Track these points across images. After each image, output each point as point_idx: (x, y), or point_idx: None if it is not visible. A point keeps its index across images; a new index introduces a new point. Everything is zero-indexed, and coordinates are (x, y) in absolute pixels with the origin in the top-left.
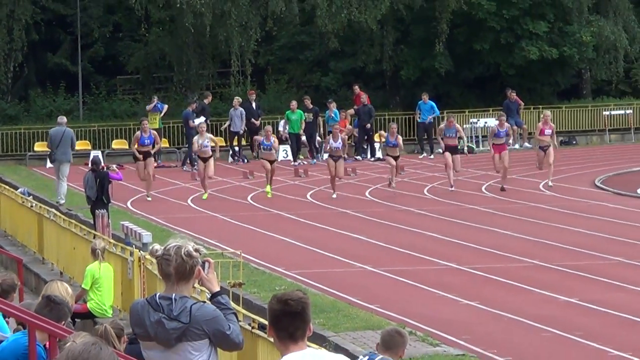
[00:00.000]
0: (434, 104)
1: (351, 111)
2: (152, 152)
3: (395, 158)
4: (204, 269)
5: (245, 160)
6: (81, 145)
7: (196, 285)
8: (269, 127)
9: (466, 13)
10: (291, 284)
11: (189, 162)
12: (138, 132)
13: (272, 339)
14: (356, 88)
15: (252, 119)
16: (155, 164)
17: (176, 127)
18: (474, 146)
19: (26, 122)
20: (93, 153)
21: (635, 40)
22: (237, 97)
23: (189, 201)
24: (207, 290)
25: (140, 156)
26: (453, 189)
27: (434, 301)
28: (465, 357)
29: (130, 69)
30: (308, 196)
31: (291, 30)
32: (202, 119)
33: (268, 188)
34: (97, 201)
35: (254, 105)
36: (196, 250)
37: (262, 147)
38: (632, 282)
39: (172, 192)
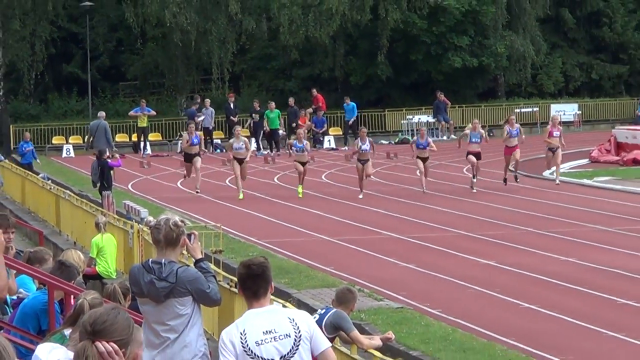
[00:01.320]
0: (354, 105)
1: (310, 109)
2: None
3: (425, 159)
4: (190, 240)
5: (223, 150)
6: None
7: (184, 252)
8: (301, 131)
9: (403, 30)
10: (262, 251)
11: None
12: (186, 134)
13: None
14: (314, 91)
15: (231, 117)
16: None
17: (168, 123)
18: (410, 137)
19: (45, 120)
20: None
21: (540, 51)
22: (207, 99)
23: (178, 184)
24: (192, 256)
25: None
26: (475, 190)
27: (378, 264)
28: (404, 309)
29: (130, 76)
30: (275, 179)
31: (261, 44)
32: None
33: (300, 188)
34: (102, 184)
35: (232, 105)
36: (181, 221)
37: (294, 149)
38: (541, 248)
39: (165, 177)
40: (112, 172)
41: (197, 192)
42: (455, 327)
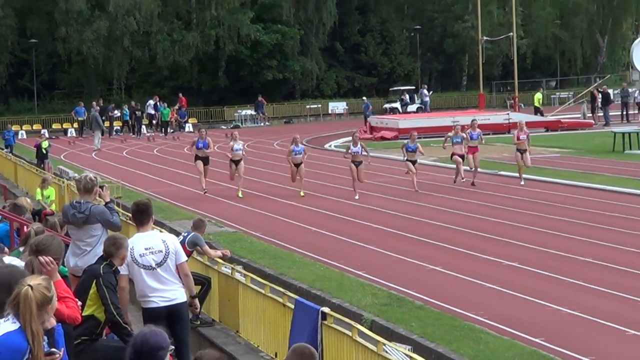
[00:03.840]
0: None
1: (176, 107)
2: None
3: (414, 162)
4: (102, 190)
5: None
6: (37, 126)
7: (97, 197)
8: (297, 136)
9: (235, 56)
10: (145, 195)
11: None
12: (195, 139)
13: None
14: (180, 95)
15: (155, 112)
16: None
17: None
18: (240, 124)
19: (7, 115)
20: (42, 131)
21: (321, 69)
22: (154, 100)
23: (92, 154)
24: (103, 200)
25: (199, 160)
26: (464, 179)
27: (219, 203)
28: (237, 233)
29: (62, 86)
30: (155, 151)
31: (144, 65)
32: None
33: (301, 193)
34: (41, 157)
35: (157, 104)
36: (94, 177)
37: (293, 153)
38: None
39: (84, 151)
40: (48, 148)
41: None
42: (270, 244)
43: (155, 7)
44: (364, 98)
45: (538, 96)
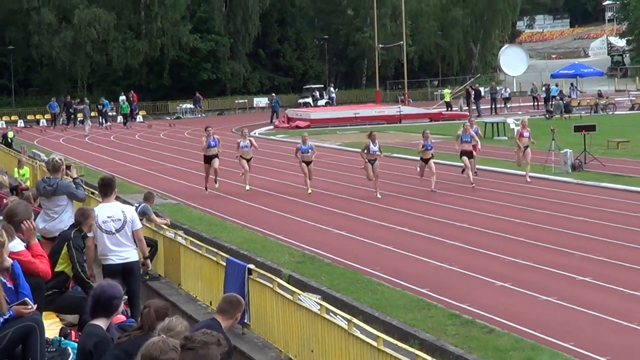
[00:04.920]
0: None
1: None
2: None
3: (427, 160)
4: (69, 169)
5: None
6: (15, 117)
7: (66, 175)
8: (306, 134)
9: (177, 60)
10: (103, 173)
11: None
12: (204, 138)
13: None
14: (132, 92)
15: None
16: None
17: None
18: (181, 115)
19: None
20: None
21: (247, 70)
22: (123, 96)
23: (60, 140)
24: (71, 177)
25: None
26: (474, 185)
27: (164, 180)
28: (179, 205)
29: (35, 84)
30: (112, 138)
31: (103, 68)
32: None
33: (309, 190)
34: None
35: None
36: (61, 159)
37: (301, 151)
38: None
39: (53, 137)
40: (13, 138)
41: (216, 187)
42: (206, 213)
43: (112, 19)
44: (273, 95)
45: (447, 91)
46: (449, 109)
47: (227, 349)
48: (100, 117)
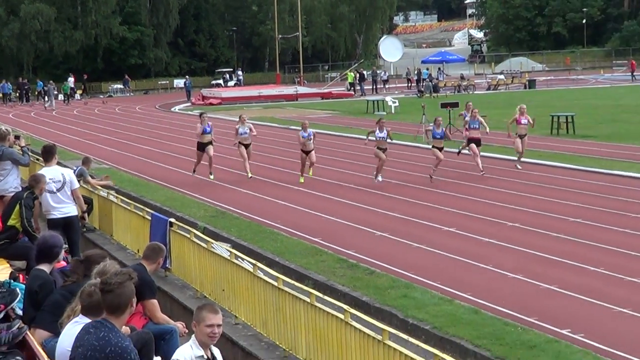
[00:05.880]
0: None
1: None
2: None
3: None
4: (19, 139)
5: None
6: None
7: (15, 145)
8: (306, 121)
9: (108, 47)
10: (47, 142)
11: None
12: (199, 124)
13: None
14: (70, 74)
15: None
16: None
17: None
18: (113, 94)
19: None
20: None
21: (168, 57)
22: (70, 79)
23: (10, 115)
24: (19, 146)
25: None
26: (483, 172)
27: (99, 149)
28: (110, 169)
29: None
30: (54, 113)
31: (45, 54)
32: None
33: (310, 172)
34: None
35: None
36: (7, 129)
37: (302, 137)
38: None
39: (17, 115)
40: None
41: (211, 178)
42: (134, 176)
43: (53, 13)
44: (187, 77)
45: (351, 75)
46: (352, 88)
47: (150, 286)
48: (45, 97)
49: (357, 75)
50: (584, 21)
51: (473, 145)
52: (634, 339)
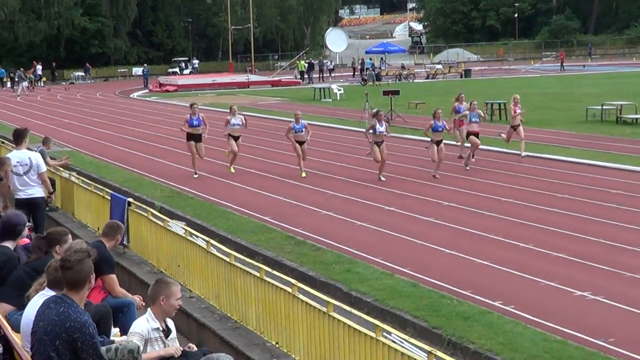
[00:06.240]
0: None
1: (32, 70)
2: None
3: (439, 142)
4: None
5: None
6: None
7: None
8: (299, 112)
9: (71, 37)
10: (11, 128)
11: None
12: (187, 115)
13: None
14: (34, 62)
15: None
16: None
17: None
18: (75, 81)
19: None
20: None
21: (127, 46)
22: (39, 66)
23: (18, 99)
24: None
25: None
26: (472, 163)
27: (62, 133)
28: (72, 152)
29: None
30: (19, 99)
31: (10, 42)
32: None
33: (303, 174)
34: None
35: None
36: None
37: (293, 130)
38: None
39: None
40: None
41: (195, 177)
42: (94, 159)
43: (17, 4)
44: (145, 65)
45: (302, 63)
46: (302, 76)
47: (109, 262)
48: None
49: (307, 64)
50: (516, 15)
51: (473, 138)
52: (560, 309)
